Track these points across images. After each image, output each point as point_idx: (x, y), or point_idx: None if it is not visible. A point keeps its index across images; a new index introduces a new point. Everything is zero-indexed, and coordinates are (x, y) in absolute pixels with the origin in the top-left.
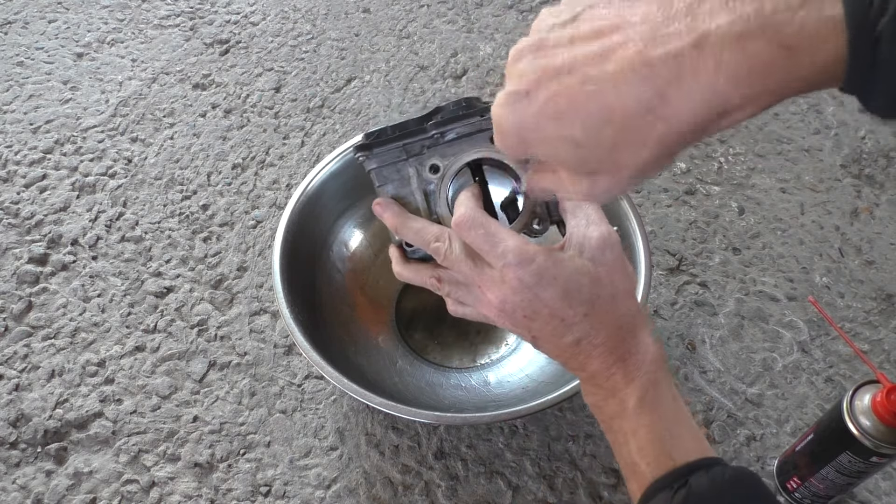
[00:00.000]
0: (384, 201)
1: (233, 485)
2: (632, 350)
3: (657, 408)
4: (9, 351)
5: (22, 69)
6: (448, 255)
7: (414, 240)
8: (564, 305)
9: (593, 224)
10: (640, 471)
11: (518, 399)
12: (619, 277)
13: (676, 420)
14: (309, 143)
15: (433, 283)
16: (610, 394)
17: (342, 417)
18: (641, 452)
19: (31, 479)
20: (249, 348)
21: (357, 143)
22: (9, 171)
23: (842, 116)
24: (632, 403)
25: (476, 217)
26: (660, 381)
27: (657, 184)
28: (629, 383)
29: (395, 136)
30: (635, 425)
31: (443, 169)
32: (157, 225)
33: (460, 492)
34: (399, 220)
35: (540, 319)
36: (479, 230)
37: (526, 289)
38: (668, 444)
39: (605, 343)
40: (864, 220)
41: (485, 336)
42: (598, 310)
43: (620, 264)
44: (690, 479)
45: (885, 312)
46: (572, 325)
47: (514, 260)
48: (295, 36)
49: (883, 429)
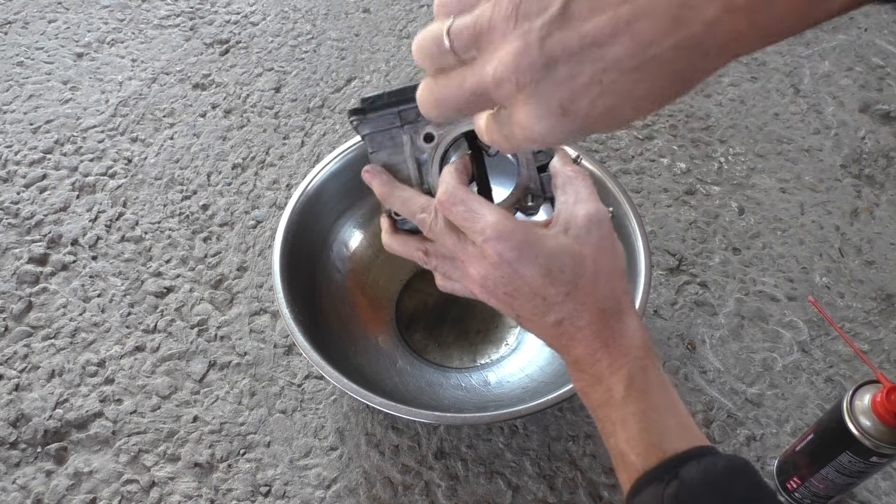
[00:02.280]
0: (373, 168)
1: (233, 485)
2: (617, 335)
3: (646, 396)
4: (9, 351)
5: (22, 69)
6: (433, 227)
7: (400, 209)
8: (546, 283)
9: (581, 202)
10: (629, 461)
11: (518, 399)
12: (604, 258)
13: (666, 408)
14: (309, 143)
15: (420, 256)
16: (596, 380)
17: (342, 417)
18: (630, 443)
19: (31, 479)
20: (249, 348)
21: (351, 107)
22: (9, 171)
23: (842, 116)
24: (619, 392)
25: (457, 193)
26: (647, 367)
27: (657, 184)
28: (615, 371)
29: (391, 102)
30: (623, 414)
31: (437, 138)
32: (157, 225)
33: (460, 492)
34: (387, 189)
35: (521, 297)
36: (460, 206)
37: (505, 264)
38: (658, 434)
39: (588, 326)
40: (864, 220)
41: (485, 336)
42: (581, 290)
43: (607, 244)
44: (682, 470)
45: (885, 312)
46: (554, 304)
47: (493, 234)
48: (295, 36)
49: (883, 429)
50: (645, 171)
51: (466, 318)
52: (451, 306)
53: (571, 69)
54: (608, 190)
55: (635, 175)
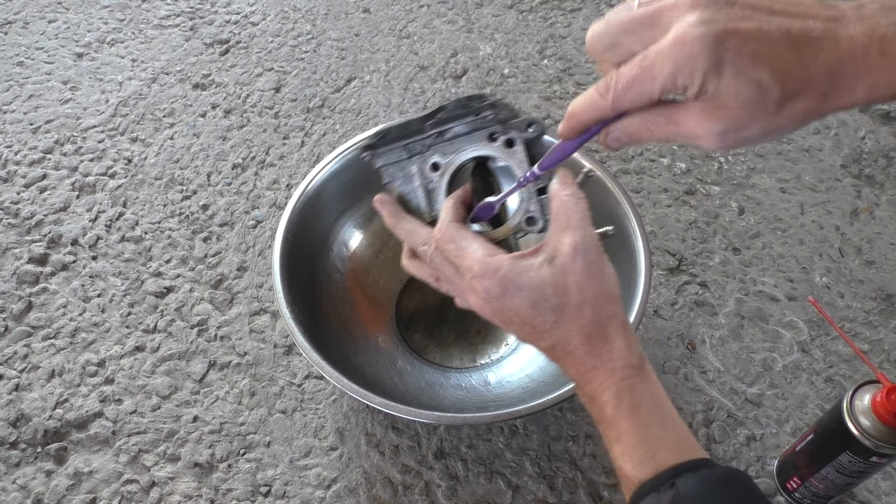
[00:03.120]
0: (382, 198)
1: (233, 485)
2: (604, 357)
3: (636, 413)
4: (9, 351)
5: (22, 69)
6: (433, 260)
7: (405, 240)
8: (534, 314)
9: (570, 228)
10: (626, 474)
11: (518, 399)
12: (589, 284)
13: (658, 423)
14: (309, 143)
15: (432, 281)
16: (590, 399)
17: (342, 417)
18: (625, 457)
19: (31, 479)
20: (249, 348)
21: (363, 143)
22: (9, 171)
23: (842, 116)
24: (609, 411)
25: (448, 231)
26: (635, 385)
27: (657, 184)
28: (604, 391)
29: (397, 136)
30: (616, 431)
31: (443, 167)
32: (157, 225)
33: (460, 492)
34: (394, 220)
35: (514, 326)
36: (451, 244)
37: (493, 299)
38: (651, 448)
39: (576, 350)
40: (864, 220)
41: (485, 336)
42: (567, 318)
43: (594, 270)
44: (677, 481)
45: (885, 312)
46: (544, 332)
47: (479, 272)
48: (295, 36)
49: (883, 429)
50: (645, 171)
51: (466, 318)
52: (451, 306)
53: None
54: (608, 190)
55: (635, 175)
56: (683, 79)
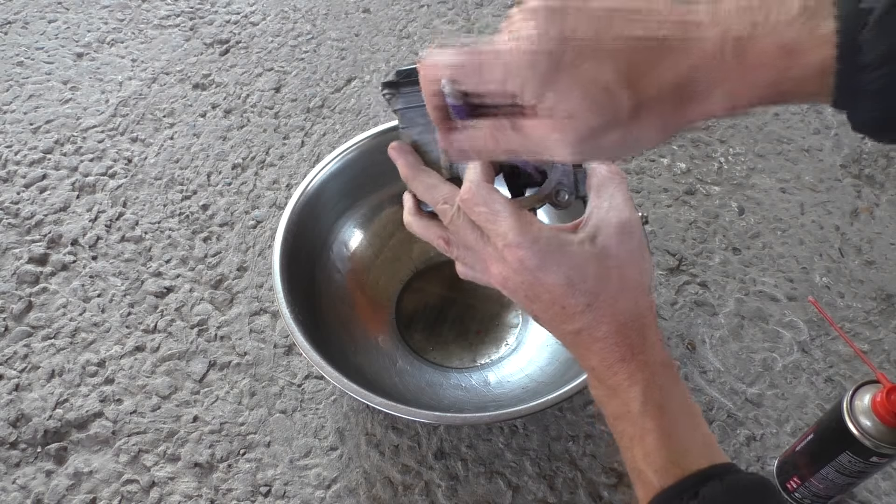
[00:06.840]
0: (400, 146)
1: (233, 485)
2: (637, 350)
3: (664, 413)
4: (9, 351)
5: (22, 69)
6: (455, 220)
7: (423, 195)
8: (566, 293)
9: (615, 208)
10: (646, 479)
11: (518, 399)
12: (630, 271)
13: (686, 425)
14: (309, 143)
15: (441, 244)
16: (612, 392)
17: (342, 417)
18: (647, 459)
19: (31, 479)
20: (249, 348)
21: (385, 79)
22: (9, 171)
23: (842, 117)
24: (635, 407)
25: (480, 192)
26: (667, 384)
27: (657, 184)
28: (633, 385)
29: None
30: (640, 430)
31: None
32: (157, 225)
33: (460, 492)
34: (412, 172)
35: (540, 302)
36: (482, 207)
37: (526, 271)
38: (677, 452)
39: (605, 338)
40: (864, 220)
41: (485, 336)
42: (602, 303)
43: (636, 257)
44: (702, 489)
45: (885, 312)
46: (573, 314)
47: (514, 240)
48: (295, 36)
49: (883, 429)
50: (645, 171)
51: (466, 318)
52: (451, 306)
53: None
54: None
55: (635, 175)
56: (512, 87)
